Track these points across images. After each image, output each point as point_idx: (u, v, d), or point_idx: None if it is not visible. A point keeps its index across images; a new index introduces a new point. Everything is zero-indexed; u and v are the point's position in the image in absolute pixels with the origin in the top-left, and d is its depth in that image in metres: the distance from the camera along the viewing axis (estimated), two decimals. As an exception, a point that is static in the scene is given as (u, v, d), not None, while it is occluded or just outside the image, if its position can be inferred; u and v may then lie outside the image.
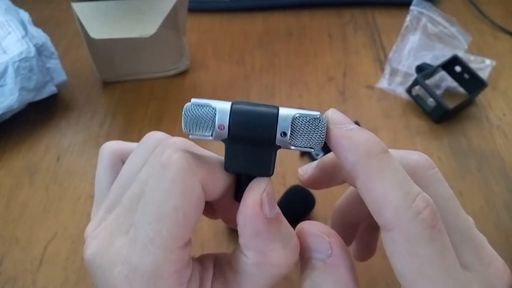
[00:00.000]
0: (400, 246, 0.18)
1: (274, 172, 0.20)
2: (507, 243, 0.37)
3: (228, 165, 0.20)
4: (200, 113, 0.19)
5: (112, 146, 0.25)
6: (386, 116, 0.48)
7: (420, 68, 0.49)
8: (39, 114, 0.49)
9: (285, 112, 0.19)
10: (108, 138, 0.47)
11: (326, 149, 0.43)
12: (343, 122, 0.20)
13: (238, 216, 0.19)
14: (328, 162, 0.23)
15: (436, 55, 0.51)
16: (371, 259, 0.35)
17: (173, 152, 0.19)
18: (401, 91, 0.50)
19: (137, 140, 0.46)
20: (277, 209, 0.20)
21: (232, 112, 0.19)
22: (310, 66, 0.54)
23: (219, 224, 0.38)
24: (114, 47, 0.49)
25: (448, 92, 0.50)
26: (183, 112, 0.20)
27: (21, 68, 0.44)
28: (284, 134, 0.19)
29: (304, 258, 0.20)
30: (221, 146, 0.20)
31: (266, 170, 0.20)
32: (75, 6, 0.44)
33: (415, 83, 0.47)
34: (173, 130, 0.47)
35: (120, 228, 0.20)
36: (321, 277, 0.19)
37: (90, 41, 0.46)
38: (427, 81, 0.48)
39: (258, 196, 0.19)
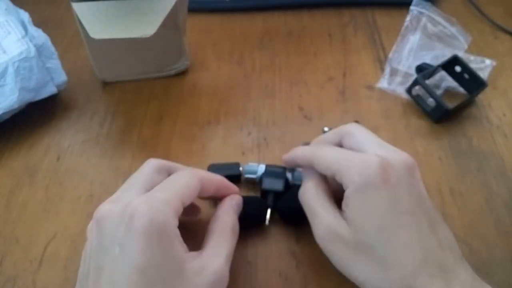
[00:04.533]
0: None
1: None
2: (507, 243, 0.37)
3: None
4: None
5: (159, 161, 0.33)
6: (386, 116, 0.48)
7: (420, 68, 0.49)
8: (39, 114, 0.49)
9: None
10: (108, 138, 0.47)
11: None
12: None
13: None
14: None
15: (436, 55, 0.51)
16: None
17: (192, 169, 0.35)
18: (401, 91, 0.50)
19: (137, 139, 0.47)
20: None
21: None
22: (310, 66, 0.54)
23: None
24: (114, 47, 0.49)
25: (448, 92, 0.50)
26: None
27: (21, 68, 0.44)
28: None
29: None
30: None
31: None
32: (75, 6, 0.44)
33: (415, 83, 0.47)
34: (173, 129, 0.47)
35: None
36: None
37: (90, 41, 0.46)
38: (427, 81, 0.48)
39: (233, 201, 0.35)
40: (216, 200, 0.37)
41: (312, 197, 0.32)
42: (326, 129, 0.44)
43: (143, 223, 0.25)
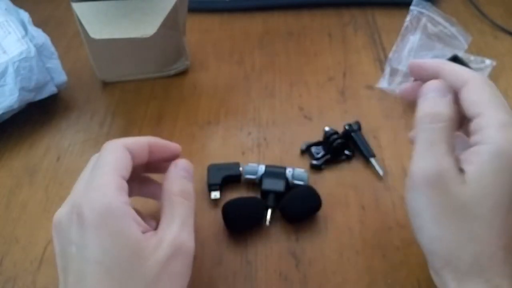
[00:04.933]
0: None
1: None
2: (507, 243, 0.36)
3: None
4: None
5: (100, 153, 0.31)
6: (386, 116, 0.48)
7: (420, 68, 0.49)
8: (39, 114, 0.49)
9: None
10: (108, 138, 0.47)
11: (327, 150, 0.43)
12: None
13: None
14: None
15: (436, 55, 0.51)
16: (371, 259, 0.35)
17: (112, 141, 0.31)
18: (401, 91, 0.50)
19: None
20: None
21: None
22: (310, 66, 0.54)
23: (219, 224, 0.38)
24: (114, 47, 0.49)
25: (448, 92, 0.50)
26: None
27: (21, 68, 0.44)
28: None
29: None
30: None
31: None
32: (75, 6, 0.44)
33: (415, 83, 0.47)
34: (173, 129, 0.47)
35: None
36: None
37: (90, 41, 0.46)
38: (427, 81, 0.48)
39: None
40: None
41: (436, 129, 0.28)
42: (327, 129, 0.44)
43: (90, 218, 0.26)
